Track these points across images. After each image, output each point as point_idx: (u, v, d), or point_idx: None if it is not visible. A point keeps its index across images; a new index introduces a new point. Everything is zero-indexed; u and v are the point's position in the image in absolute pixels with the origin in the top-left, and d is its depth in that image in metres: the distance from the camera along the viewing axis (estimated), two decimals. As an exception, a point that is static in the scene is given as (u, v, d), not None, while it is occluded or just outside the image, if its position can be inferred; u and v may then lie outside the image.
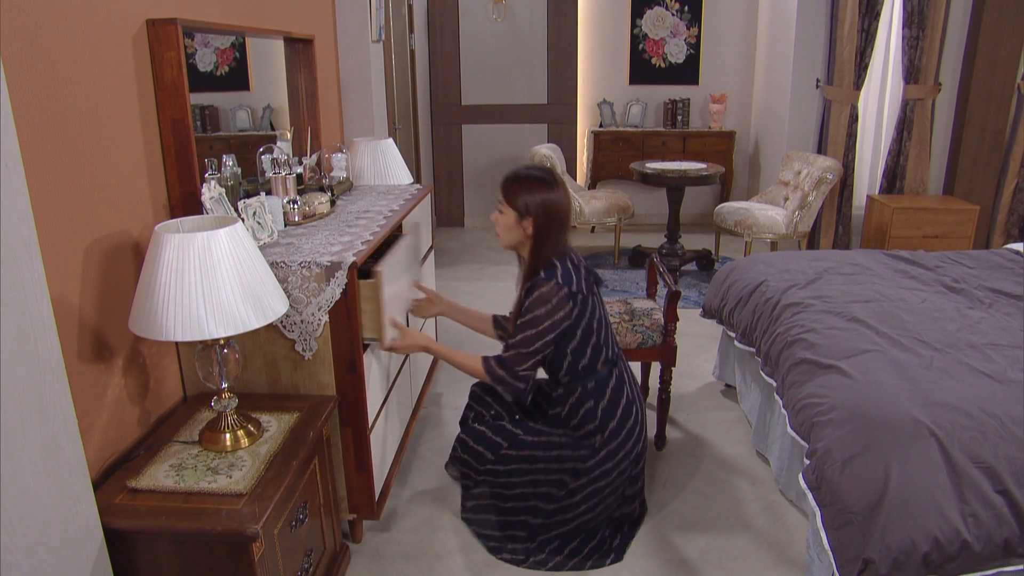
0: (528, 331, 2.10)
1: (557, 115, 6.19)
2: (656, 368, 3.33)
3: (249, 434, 1.87)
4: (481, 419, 2.45)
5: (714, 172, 4.91)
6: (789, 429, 2.25)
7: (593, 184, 6.32)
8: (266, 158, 2.59)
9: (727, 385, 3.41)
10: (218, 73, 2.48)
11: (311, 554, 1.95)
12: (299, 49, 3.01)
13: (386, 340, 2.21)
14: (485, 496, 2.35)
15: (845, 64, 5.12)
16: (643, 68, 6.32)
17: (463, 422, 2.50)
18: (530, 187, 2.14)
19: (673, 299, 2.71)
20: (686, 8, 6.15)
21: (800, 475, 2.06)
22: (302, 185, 2.76)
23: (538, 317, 2.09)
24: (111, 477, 1.74)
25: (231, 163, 2.30)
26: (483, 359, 2.17)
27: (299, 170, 2.75)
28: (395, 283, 2.32)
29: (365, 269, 2.17)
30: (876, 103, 5.62)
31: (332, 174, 3.06)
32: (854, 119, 5.24)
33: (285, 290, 2.01)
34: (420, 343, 2.31)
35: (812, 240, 5.39)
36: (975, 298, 2.76)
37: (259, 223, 2.21)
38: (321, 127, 3.15)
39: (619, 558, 2.27)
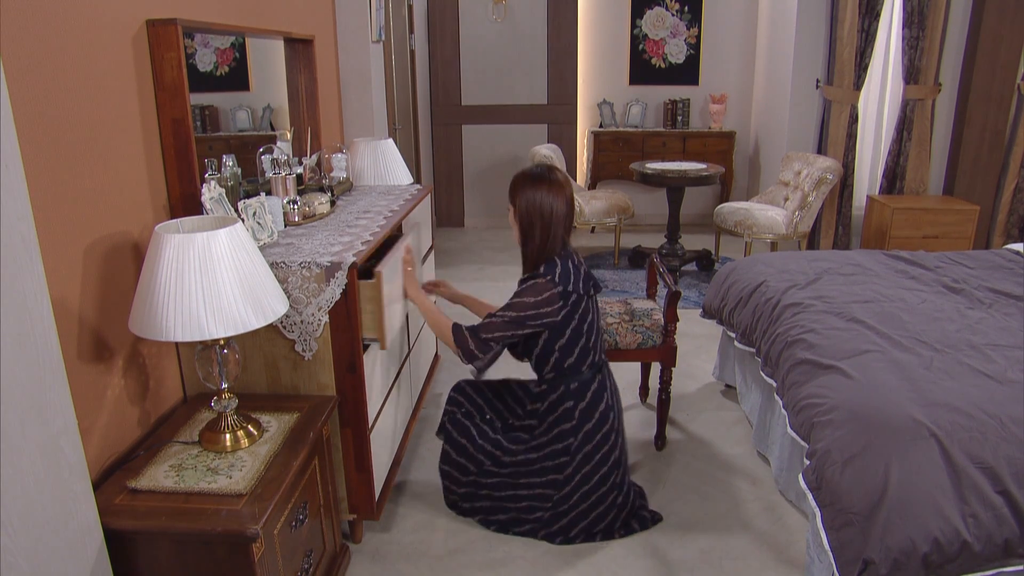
0: (508, 311, 2.19)
1: (557, 115, 6.19)
2: (656, 368, 3.33)
3: (249, 434, 1.87)
4: (453, 417, 2.45)
5: (714, 172, 4.91)
6: (789, 429, 2.25)
7: (593, 184, 6.32)
8: (266, 158, 2.59)
9: (727, 385, 3.41)
10: (218, 73, 2.48)
11: (311, 554, 1.95)
12: (299, 49, 3.01)
13: (387, 342, 2.22)
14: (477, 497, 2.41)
15: (845, 64, 5.12)
16: (643, 68, 6.32)
17: (441, 430, 2.50)
18: (522, 184, 2.22)
19: (673, 299, 2.71)
20: (686, 8, 6.16)
21: (800, 475, 2.06)
22: (302, 185, 2.76)
23: (523, 303, 2.18)
24: (111, 477, 1.74)
25: (231, 163, 2.30)
26: (454, 325, 2.26)
27: (299, 170, 2.75)
28: (394, 282, 2.32)
29: (366, 268, 2.18)
30: (876, 103, 5.62)
31: (332, 174, 3.06)
32: (854, 119, 5.24)
33: (285, 290, 2.01)
34: (410, 290, 2.42)
35: (812, 240, 5.39)
36: (975, 298, 2.76)
37: (259, 223, 2.21)
38: (321, 127, 3.15)
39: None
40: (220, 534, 1.57)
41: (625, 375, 3.52)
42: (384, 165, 3.26)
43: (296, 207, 2.48)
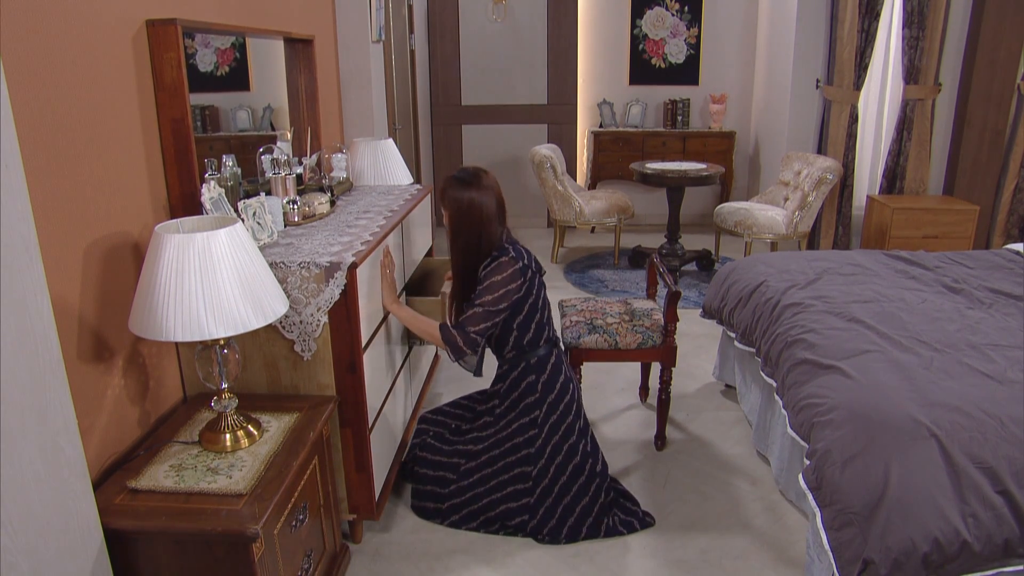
0: (485, 296, 2.26)
1: (557, 115, 6.19)
2: (656, 368, 3.33)
3: (249, 434, 1.87)
4: (423, 442, 2.58)
5: (714, 172, 4.91)
6: (789, 429, 2.25)
7: (593, 184, 6.32)
8: (266, 158, 2.59)
9: (727, 385, 3.41)
10: (218, 73, 2.48)
11: (311, 554, 1.95)
12: (299, 49, 3.01)
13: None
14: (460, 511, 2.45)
15: (845, 64, 5.12)
16: (643, 68, 6.32)
17: (410, 461, 2.60)
18: (448, 186, 2.34)
19: (673, 299, 2.71)
20: (686, 8, 6.15)
21: (800, 475, 2.06)
22: (302, 185, 2.76)
23: (494, 283, 2.26)
24: (111, 477, 1.74)
25: (231, 163, 2.30)
26: (440, 325, 2.31)
27: (299, 170, 2.75)
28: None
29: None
30: (876, 103, 5.62)
31: (332, 174, 3.06)
32: (854, 119, 5.24)
33: (285, 290, 2.01)
34: (388, 302, 2.43)
35: (812, 240, 5.39)
36: (975, 298, 2.76)
37: (259, 223, 2.21)
38: (321, 127, 3.15)
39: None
40: (220, 534, 1.57)
41: (625, 375, 3.53)
42: (384, 165, 3.26)
43: (296, 207, 2.48)
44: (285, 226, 2.45)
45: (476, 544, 2.35)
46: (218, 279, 1.61)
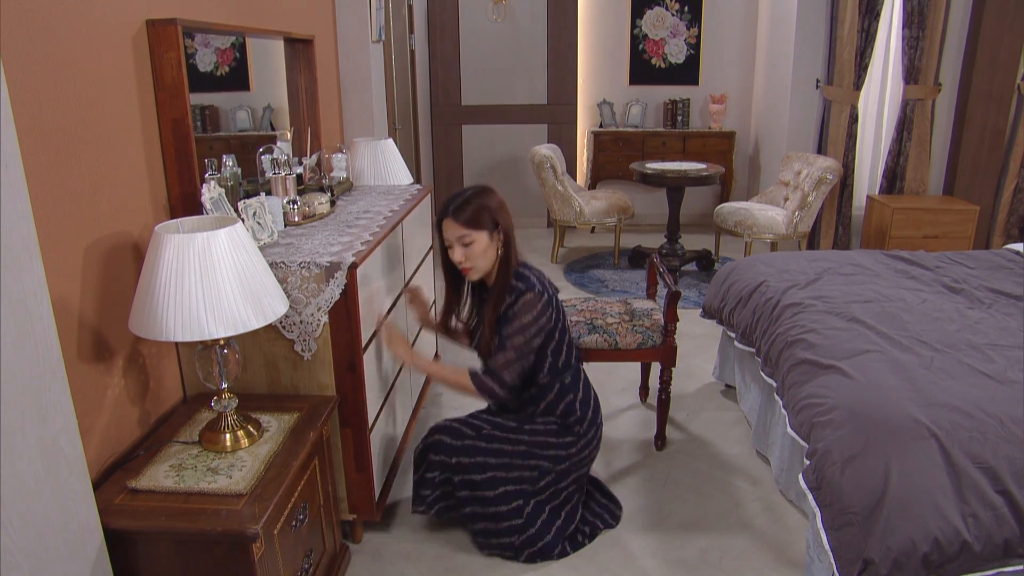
0: (517, 339, 2.14)
1: (557, 115, 6.19)
2: (656, 368, 3.32)
3: (249, 434, 1.87)
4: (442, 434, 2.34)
5: (714, 172, 4.91)
6: (789, 429, 2.25)
7: (593, 184, 6.32)
8: (266, 158, 2.59)
9: (727, 385, 3.41)
10: (218, 73, 2.48)
11: (311, 554, 1.95)
12: (299, 49, 3.01)
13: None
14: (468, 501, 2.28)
15: (845, 64, 5.12)
16: (643, 68, 6.32)
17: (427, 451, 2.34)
18: (483, 201, 2.15)
19: (673, 299, 2.71)
20: (686, 8, 6.15)
21: (800, 475, 2.06)
22: (302, 185, 2.76)
23: (525, 325, 2.14)
24: (111, 477, 1.74)
25: (231, 163, 2.30)
26: (471, 374, 2.18)
27: (299, 170, 2.75)
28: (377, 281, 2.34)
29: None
30: (876, 103, 5.62)
31: (332, 174, 3.06)
32: (854, 119, 5.24)
33: (285, 290, 2.01)
34: (404, 354, 2.30)
35: (812, 240, 5.39)
36: (975, 298, 2.76)
37: (259, 223, 2.21)
38: (321, 127, 3.15)
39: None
40: (220, 534, 1.57)
41: (625, 375, 3.53)
42: (384, 165, 3.26)
43: (296, 207, 2.48)
44: (285, 226, 2.45)
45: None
46: (218, 279, 1.61)
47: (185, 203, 2.10)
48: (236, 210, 2.15)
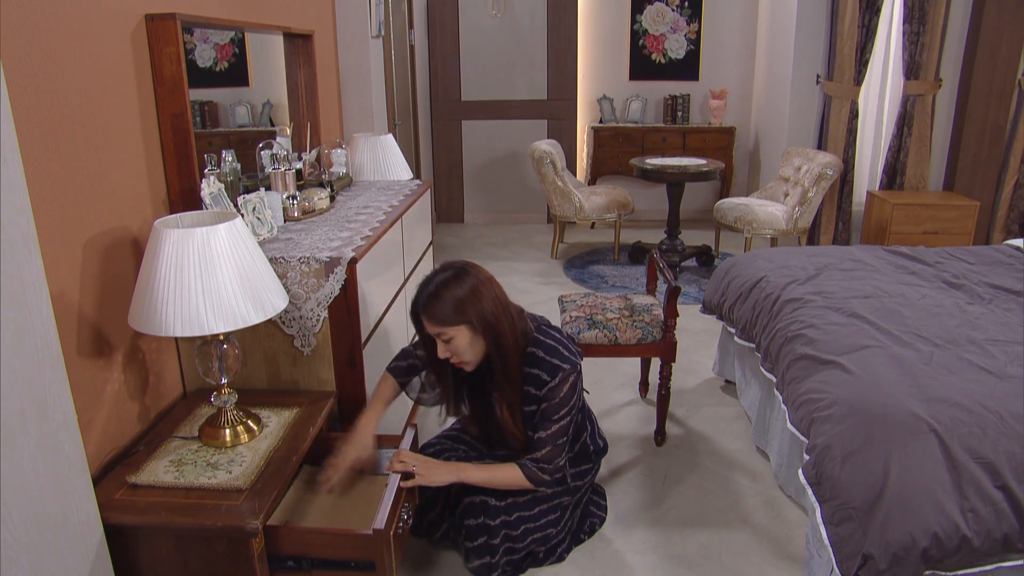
0: (562, 421, 2.00)
1: (557, 111, 6.18)
2: (656, 364, 3.32)
3: (249, 430, 1.87)
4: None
5: (714, 168, 4.90)
6: (789, 425, 2.26)
7: (593, 180, 6.31)
8: (265, 154, 2.59)
9: (727, 381, 3.41)
10: (217, 69, 2.48)
11: (311, 549, 1.95)
12: (298, 45, 3.00)
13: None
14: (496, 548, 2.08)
15: (845, 60, 5.11)
16: (643, 64, 6.31)
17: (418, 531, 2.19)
18: (453, 292, 1.86)
19: (673, 295, 2.71)
20: (686, 4, 6.14)
21: (800, 470, 2.06)
22: (301, 181, 2.76)
23: (564, 402, 1.99)
24: (111, 473, 1.74)
25: (230, 159, 2.30)
26: (521, 467, 2.00)
27: (298, 166, 2.75)
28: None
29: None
30: (876, 99, 5.61)
31: (332, 170, 3.06)
32: (854, 115, 5.23)
33: (284, 285, 2.01)
34: (451, 474, 2.00)
35: (812, 236, 5.39)
36: (975, 294, 2.76)
37: (258, 219, 2.20)
38: (321, 123, 3.15)
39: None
40: (220, 529, 1.57)
41: (625, 371, 3.53)
42: (384, 160, 3.26)
43: (295, 202, 2.47)
44: (285, 221, 2.45)
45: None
46: (218, 274, 1.61)
47: (184, 198, 2.10)
48: (236, 205, 2.15)
